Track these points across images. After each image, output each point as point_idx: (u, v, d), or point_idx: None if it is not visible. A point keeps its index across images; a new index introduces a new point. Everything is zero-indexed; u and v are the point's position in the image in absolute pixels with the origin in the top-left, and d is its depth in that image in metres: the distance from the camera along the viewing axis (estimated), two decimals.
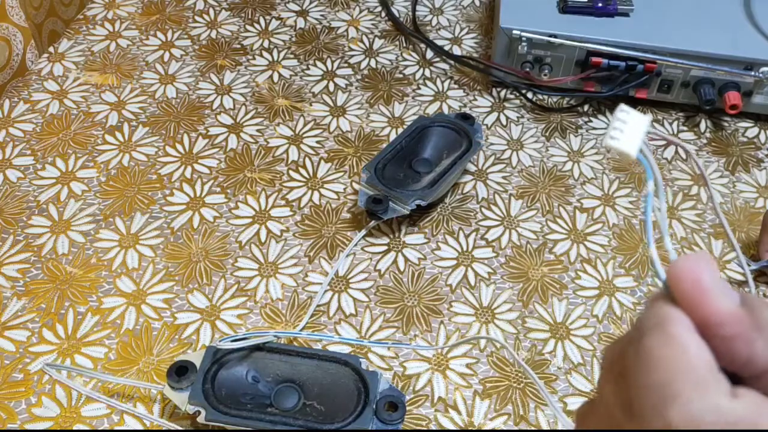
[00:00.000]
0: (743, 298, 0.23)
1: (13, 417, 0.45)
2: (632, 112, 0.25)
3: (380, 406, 0.43)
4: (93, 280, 0.52)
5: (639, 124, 0.25)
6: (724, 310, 0.22)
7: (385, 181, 0.55)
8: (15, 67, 0.67)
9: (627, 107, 0.25)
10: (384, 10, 0.77)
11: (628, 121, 0.25)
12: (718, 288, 0.23)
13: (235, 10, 0.76)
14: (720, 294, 0.23)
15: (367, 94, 0.68)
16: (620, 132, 0.25)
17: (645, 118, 0.25)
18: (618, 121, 0.25)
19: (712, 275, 0.23)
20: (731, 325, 0.22)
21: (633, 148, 0.25)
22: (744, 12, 0.68)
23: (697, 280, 0.23)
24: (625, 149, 0.25)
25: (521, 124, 0.66)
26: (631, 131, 0.25)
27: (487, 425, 0.46)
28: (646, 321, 0.24)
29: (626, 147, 0.25)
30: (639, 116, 0.25)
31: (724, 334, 0.22)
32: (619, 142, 0.25)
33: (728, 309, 0.22)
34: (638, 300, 0.53)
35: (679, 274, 0.23)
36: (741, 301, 0.23)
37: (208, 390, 0.43)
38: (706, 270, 0.23)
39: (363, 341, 0.50)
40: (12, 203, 0.57)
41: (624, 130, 0.25)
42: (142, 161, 0.60)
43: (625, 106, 0.25)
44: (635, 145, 0.25)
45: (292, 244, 0.55)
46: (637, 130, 0.25)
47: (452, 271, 0.54)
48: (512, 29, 0.64)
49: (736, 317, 0.22)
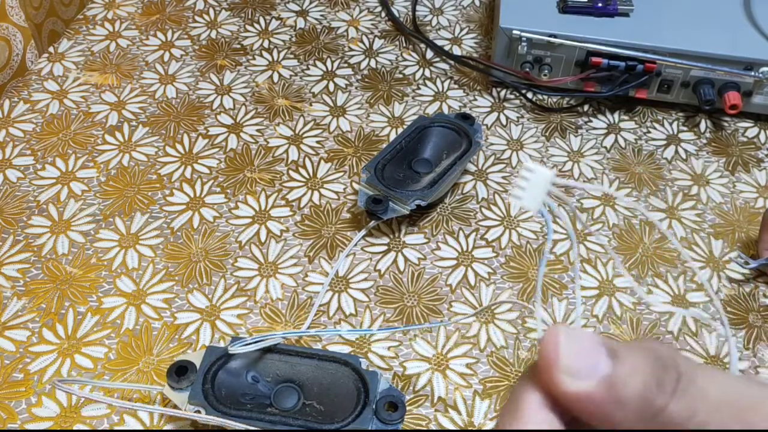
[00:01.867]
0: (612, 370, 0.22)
1: (13, 417, 0.45)
2: (536, 169, 0.25)
3: (380, 406, 0.43)
4: (93, 280, 0.52)
5: (542, 179, 0.25)
6: (570, 392, 0.22)
7: (385, 181, 0.55)
8: (15, 67, 0.67)
9: (531, 164, 0.25)
10: (384, 10, 0.77)
11: (531, 178, 0.25)
12: (573, 365, 0.22)
13: (235, 10, 0.76)
14: (571, 372, 0.22)
15: (367, 94, 0.68)
16: (522, 190, 0.25)
17: (549, 173, 0.25)
18: (522, 174, 0.25)
19: (570, 350, 0.22)
20: (581, 404, 0.22)
21: (534, 205, 0.25)
22: (744, 12, 0.68)
23: (550, 359, 0.22)
24: (526, 205, 0.25)
25: (521, 124, 0.66)
26: (533, 188, 0.25)
27: (487, 425, 0.46)
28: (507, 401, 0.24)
29: (527, 203, 0.25)
30: (543, 171, 0.25)
31: (577, 410, 0.22)
32: (522, 201, 0.25)
33: (575, 391, 0.22)
34: (638, 300, 0.53)
35: (541, 349, 0.23)
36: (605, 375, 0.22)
37: (208, 390, 0.43)
38: (561, 346, 0.22)
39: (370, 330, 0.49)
40: (12, 203, 0.57)
41: (527, 185, 0.25)
42: (142, 161, 0.60)
43: (528, 163, 0.26)
44: (537, 201, 0.25)
45: (292, 244, 0.55)
46: (539, 186, 0.25)
47: (452, 271, 0.54)
48: (512, 29, 0.64)
49: (585, 398, 0.22)
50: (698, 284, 0.54)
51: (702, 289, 0.54)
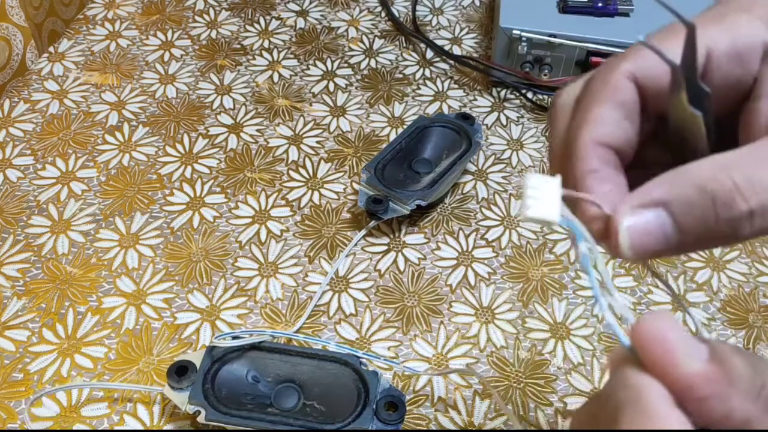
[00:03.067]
0: (712, 350, 0.22)
1: (13, 417, 0.45)
2: (541, 178, 0.24)
3: (380, 406, 0.43)
4: (93, 280, 0.52)
5: (551, 187, 0.24)
6: (692, 373, 0.21)
7: (385, 181, 0.55)
8: (15, 67, 0.67)
9: (534, 174, 0.24)
10: (384, 10, 0.77)
11: (540, 187, 0.24)
12: (685, 348, 0.21)
13: (235, 10, 0.76)
14: (687, 354, 0.21)
15: (367, 94, 0.68)
16: (535, 200, 0.23)
17: (555, 180, 0.24)
18: (530, 188, 0.24)
19: (678, 334, 0.22)
20: (702, 386, 0.21)
21: (554, 214, 0.23)
22: None
23: (663, 343, 0.21)
24: (546, 217, 0.23)
25: (521, 124, 0.66)
26: (546, 197, 0.24)
27: (487, 425, 0.46)
28: (618, 393, 0.22)
29: (546, 214, 0.23)
30: (549, 180, 0.24)
31: (697, 397, 0.21)
32: (538, 210, 0.23)
33: (696, 370, 0.21)
34: (638, 300, 0.53)
35: (645, 337, 0.22)
36: (710, 355, 0.21)
37: (208, 390, 0.43)
38: (671, 330, 0.22)
39: (358, 351, 0.49)
40: (12, 203, 0.57)
41: (538, 197, 0.23)
42: (142, 161, 0.60)
43: (531, 174, 0.24)
44: (555, 210, 0.23)
45: (292, 244, 0.55)
46: (551, 194, 0.24)
47: (452, 271, 0.54)
48: (512, 29, 0.64)
49: (705, 377, 0.21)
50: (698, 284, 0.55)
51: (701, 289, 0.54)
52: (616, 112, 0.27)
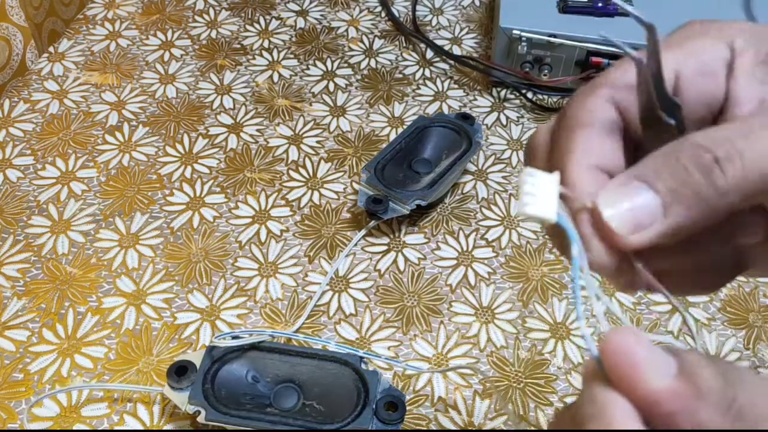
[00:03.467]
0: (681, 364, 0.21)
1: (13, 417, 0.45)
2: (538, 174, 0.23)
3: (380, 406, 0.43)
4: (93, 280, 0.52)
5: (549, 183, 0.23)
6: (658, 389, 0.21)
7: (385, 181, 0.55)
8: (15, 66, 0.67)
9: (532, 169, 0.23)
10: (384, 10, 0.77)
11: (537, 183, 0.23)
12: (651, 363, 0.21)
13: (235, 10, 0.76)
14: (652, 370, 0.21)
15: (367, 94, 0.68)
16: (532, 196, 0.23)
17: (553, 176, 0.23)
18: (527, 185, 0.23)
19: (644, 348, 0.21)
20: (668, 402, 0.21)
21: (551, 211, 0.23)
22: (744, 12, 0.68)
23: (628, 358, 0.21)
24: (543, 215, 0.23)
25: (521, 124, 0.66)
26: (543, 193, 0.23)
27: (487, 425, 0.46)
28: (585, 407, 0.22)
29: (543, 212, 0.23)
30: (546, 176, 0.23)
31: (663, 412, 0.21)
32: (535, 207, 0.23)
33: (662, 386, 0.21)
34: (638, 300, 0.53)
35: (611, 352, 0.22)
36: (678, 369, 0.21)
37: (208, 390, 0.43)
38: (636, 345, 0.21)
39: (358, 351, 0.49)
40: (12, 203, 0.57)
41: (535, 193, 0.23)
42: (142, 161, 0.60)
43: (529, 168, 0.23)
44: (552, 207, 0.23)
45: (292, 244, 0.55)
46: (549, 190, 0.23)
47: (452, 271, 0.54)
48: (512, 29, 0.64)
49: (671, 393, 0.21)
50: None
51: None
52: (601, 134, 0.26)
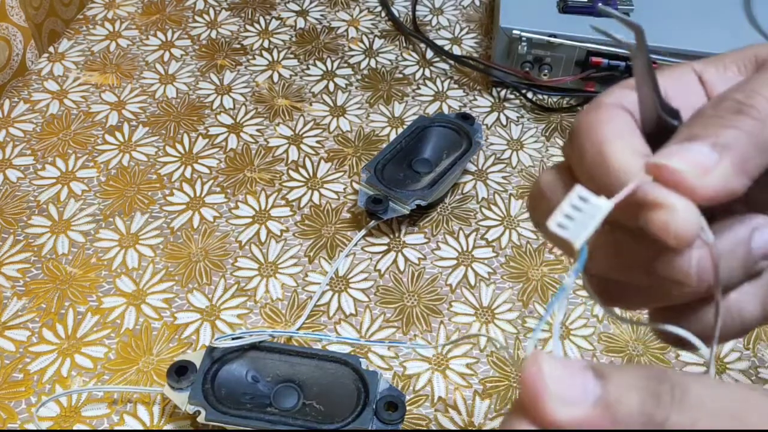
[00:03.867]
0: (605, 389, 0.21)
1: (13, 417, 0.45)
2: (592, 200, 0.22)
3: (380, 406, 0.43)
4: (93, 280, 0.52)
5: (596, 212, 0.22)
6: (565, 420, 0.20)
7: (385, 181, 0.55)
8: (15, 67, 0.67)
9: (586, 193, 0.22)
10: (384, 10, 0.77)
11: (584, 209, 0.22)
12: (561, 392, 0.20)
13: (235, 10, 0.76)
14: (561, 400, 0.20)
15: (367, 94, 0.68)
16: (570, 220, 0.22)
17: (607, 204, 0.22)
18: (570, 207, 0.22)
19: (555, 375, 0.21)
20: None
21: (579, 240, 0.22)
22: (744, 12, 0.68)
23: (536, 388, 0.21)
24: (573, 240, 0.22)
25: (521, 124, 0.66)
26: (583, 221, 0.22)
27: (488, 425, 0.46)
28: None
29: (575, 239, 0.22)
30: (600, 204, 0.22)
31: None
32: (568, 231, 0.22)
33: (569, 419, 0.20)
34: None
35: (522, 380, 0.21)
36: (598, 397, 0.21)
37: (208, 390, 0.43)
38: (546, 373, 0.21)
39: (360, 340, 0.49)
40: (12, 203, 0.57)
41: (576, 218, 0.22)
42: (142, 161, 0.60)
43: (583, 191, 0.22)
44: (582, 237, 0.22)
45: (292, 244, 0.55)
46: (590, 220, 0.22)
47: (452, 271, 0.54)
48: (512, 29, 0.64)
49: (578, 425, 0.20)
50: None
51: None
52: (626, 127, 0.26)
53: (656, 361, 0.50)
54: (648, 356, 0.50)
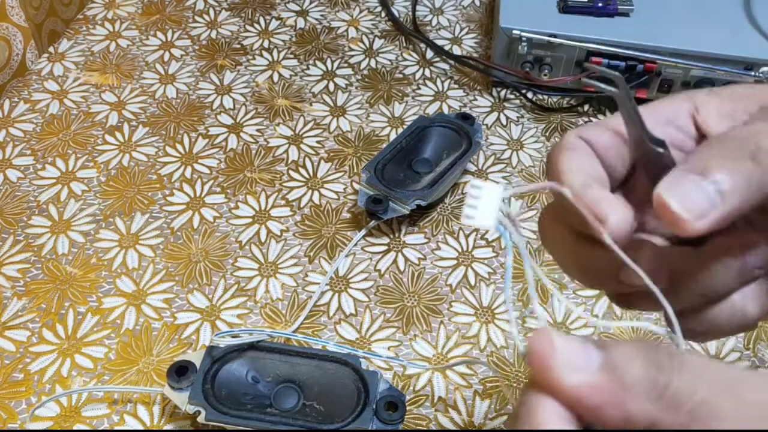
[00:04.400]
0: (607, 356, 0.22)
1: (14, 417, 0.45)
2: (484, 186, 0.25)
3: (380, 406, 0.43)
4: (93, 280, 0.52)
5: (492, 195, 0.25)
6: (574, 385, 0.21)
7: (385, 181, 0.55)
8: (15, 67, 0.67)
9: (477, 181, 0.25)
10: (384, 10, 0.77)
11: (481, 196, 0.25)
12: (568, 360, 0.22)
13: (235, 10, 0.76)
14: (569, 367, 0.22)
15: (367, 94, 0.68)
16: (474, 209, 0.25)
17: (497, 187, 0.25)
18: (470, 197, 0.25)
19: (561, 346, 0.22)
20: (589, 397, 0.21)
21: (490, 221, 0.25)
22: (744, 12, 0.68)
23: (543, 358, 0.22)
24: (482, 225, 0.25)
25: (521, 124, 0.66)
26: (485, 205, 0.25)
27: (488, 425, 0.46)
28: (518, 409, 0.23)
29: (483, 222, 0.25)
30: (491, 187, 0.25)
31: (587, 407, 0.22)
32: (475, 219, 0.25)
33: (579, 382, 0.22)
34: None
35: (529, 355, 0.22)
36: (602, 363, 0.22)
37: (208, 390, 0.43)
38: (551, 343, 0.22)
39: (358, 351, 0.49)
40: (12, 203, 0.57)
41: (477, 205, 0.25)
42: (142, 161, 0.60)
43: (475, 180, 0.25)
44: (491, 218, 0.25)
45: (292, 244, 0.55)
46: (491, 202, 0.25)
47: (452, 271, 0.54)
48: (512, 29, 0.64)
49: (589, 388, 0.21)
50: None
51: None
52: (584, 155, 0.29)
53: None
54: None
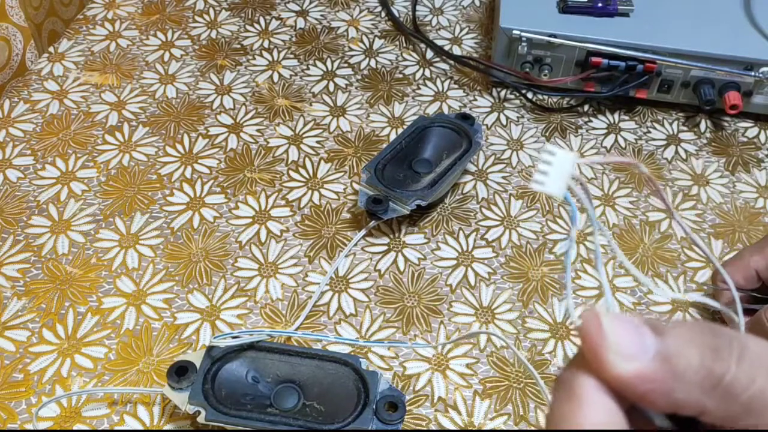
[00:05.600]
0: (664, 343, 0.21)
1: (13, 417, 0.45)
2: (558, 152, 0.24)
3: (380, 406, 0.43)
4: (93, 280, 0.52)
5: (565, 163, 0.24)
6: (625, 374, 0.21)
7: (385, 181, 0.55)
8: (15, 67, 0.67)
9: (552, 147, 0.25)
10: (384, 10, 0.77)
11: (554, 162, 0.24)
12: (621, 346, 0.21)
13: (235, 10, 0.76)
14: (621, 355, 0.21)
15: (367, 94, 0.68)
16: (545, 175, 0.24)
17: (571, 155, 0.25)
18: (542, 163, 0.25)
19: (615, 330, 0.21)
20: (637, 385, 0.21)
21: (559, 189, 0.24)
22: (744, 12, 0.68)
23: (596, 342, 0.21)
24: (551, 192, 0.24)
25: (521, 124, 0.66)
26: (556, 172, 0.24)
27: (487, 425, 0.46)
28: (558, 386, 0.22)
29: (552, 190, 0.24)
30: (564, 155, 0.24)
31: (633, 393, 0.21)
32: (544, 186, 0.24)
33: (630, 373, 0.21)
34: (638, 300, 0.53)
35: (581, 336, 0.21)
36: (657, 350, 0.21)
37: (208, 390, 0.43)
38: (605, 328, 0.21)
39: (359, 341, 0.50)
40: (12, 203, 0.57)
41: (549, 172, 0.24)
42: (142, 161, 0.60)
43: (550, 146, 0.25)
44: (562, 186, 0.24)
45: (292, 244, 0.55)
46: (563, 170, 0.24)
47: (452, 271, 0.54)
48: (512, 29, 0.64)
49: (638, 377, 0.21)
50: (698, 284, 0.55)
51: (702, 289, 0.54)
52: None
53: None
54: None
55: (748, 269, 0.48)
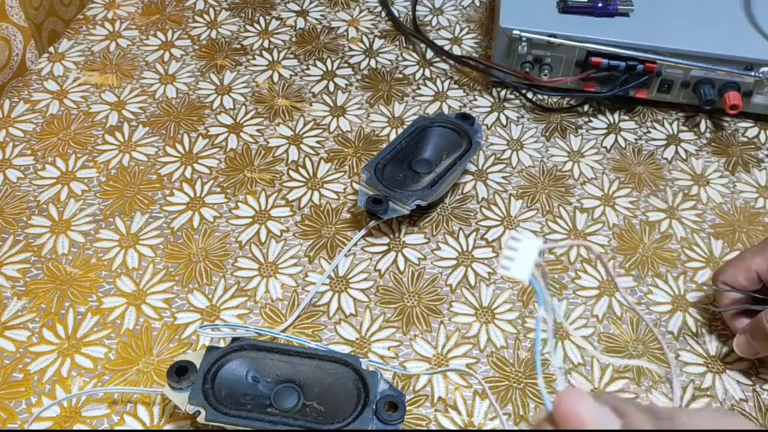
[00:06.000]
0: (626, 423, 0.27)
1: (13, 417, 0.45)
2: (524, 237, 0.25)
3: (380, 406, 0.43)
4: (93, 280, 0.52)
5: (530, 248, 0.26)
6: None
7: (385, 181, 0.55)
8: (15, 67, 0.67)
9: (518, 233, 0.26)
10: (384, 10, 0.77)
11: (519, 248, 0.26)
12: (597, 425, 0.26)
13: (235, 10, 0.76)
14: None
15: (367, 94, 0.68)
16: (510, 260, 0.26)
17: (536, 241, 0.26)
18: (508, 248, 0.26)
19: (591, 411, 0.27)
20: None
21: (524, 274, 0.26)
22: (744, 12, 0.68)
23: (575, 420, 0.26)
24: (516, 277, 0.26)
25: (521, 124, 0.66)
26: (521, 257, 0.26)
27: (487, 425, 0.46)
28: None
29: (517, 274, 0.26)
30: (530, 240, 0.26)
31: None
32: (510, 270, 0.26)
33: None
34: (638, 300, 0.53)
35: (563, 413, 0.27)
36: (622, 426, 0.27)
37: (208, 390, 0.43)
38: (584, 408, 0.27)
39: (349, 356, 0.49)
40: (12, 203, 0.57)
41: (515, 257, 0.26)
42: (142, 161, 0.61)
43: (515, 232, 0.26)
44: (526, 271, 0.26)
45: (292, 244, 0.55)
46: (527, 255, 0.26)
47: (452, 271, 0.54)
48: (512, 29, 0.64)
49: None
50: (698, 284, 0.55)
51: (702, 289, 0.54)
52: None
53: (656, 360, 0.50)
54: (648, 356, 0.50)
55: (749, 271, 0.48)
